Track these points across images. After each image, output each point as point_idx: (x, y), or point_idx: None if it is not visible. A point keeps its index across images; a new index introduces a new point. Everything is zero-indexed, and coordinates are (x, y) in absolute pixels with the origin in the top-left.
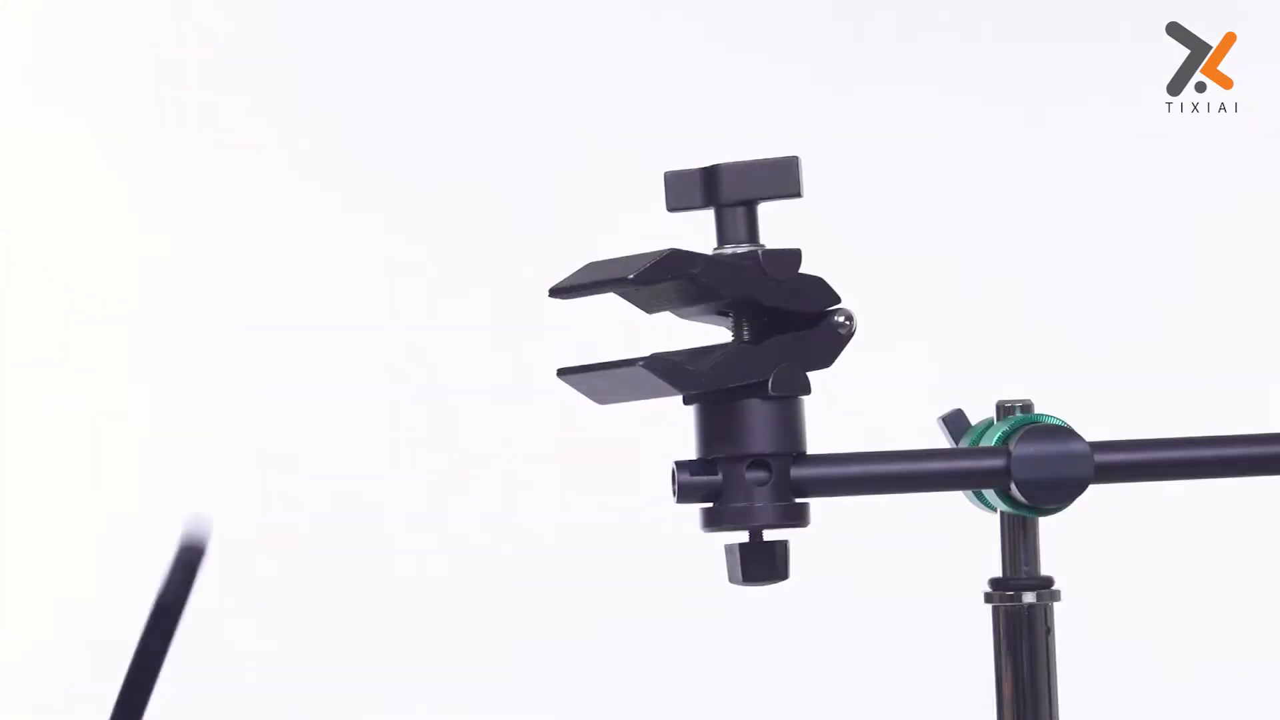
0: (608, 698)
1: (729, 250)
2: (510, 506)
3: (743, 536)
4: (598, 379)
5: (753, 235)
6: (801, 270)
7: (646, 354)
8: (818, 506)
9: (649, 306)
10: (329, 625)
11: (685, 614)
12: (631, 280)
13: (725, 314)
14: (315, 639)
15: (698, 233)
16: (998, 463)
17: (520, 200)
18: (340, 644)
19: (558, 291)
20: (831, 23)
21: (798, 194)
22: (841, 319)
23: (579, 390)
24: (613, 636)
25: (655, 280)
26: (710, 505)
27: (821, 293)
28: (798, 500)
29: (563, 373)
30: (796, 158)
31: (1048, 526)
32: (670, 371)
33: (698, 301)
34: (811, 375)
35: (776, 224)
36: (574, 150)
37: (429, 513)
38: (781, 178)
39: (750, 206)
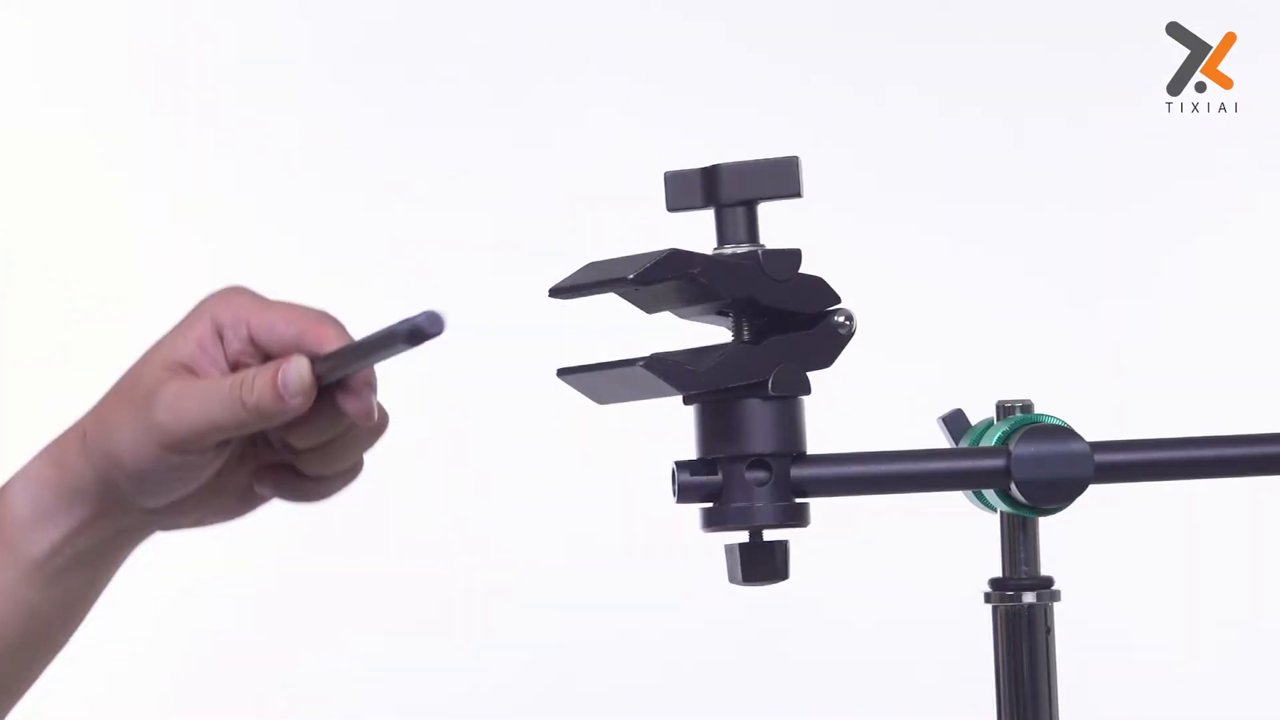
0: (606, 697)
1: (729, 250)
2: (509, 506)
3: (743, 536)
4: (598, 379)
5: (753, 235)
6: (801, 270)
7: (646, 354)
8: (818, 506)
9: (649, 306)
10: (329, 623)
11: (685, 614)
12: (631, 280)
13: (725, 314)
14: (316, 638)
15: (698, 233)
16: (998, 463)
17: (520, 200)
18: (339, 642)
19: (558, 291)
20: (831, 23)
21: (798, 194)
22: (842, 319)
23: (579, 390)
24: (612, 636)
25: (655, 280)
26: (710, 505)
27: (821, 293)
28: (798, 500)
29: (563, 373)
30: (796, 158)
31: (1048, 526)
32: (670, 371)
33: (698, 301)
34: (811, 375)
35: (776, 224)
36: (574, 150)
37: (428, 512)
38: (781, 178)
39: (750, 206)
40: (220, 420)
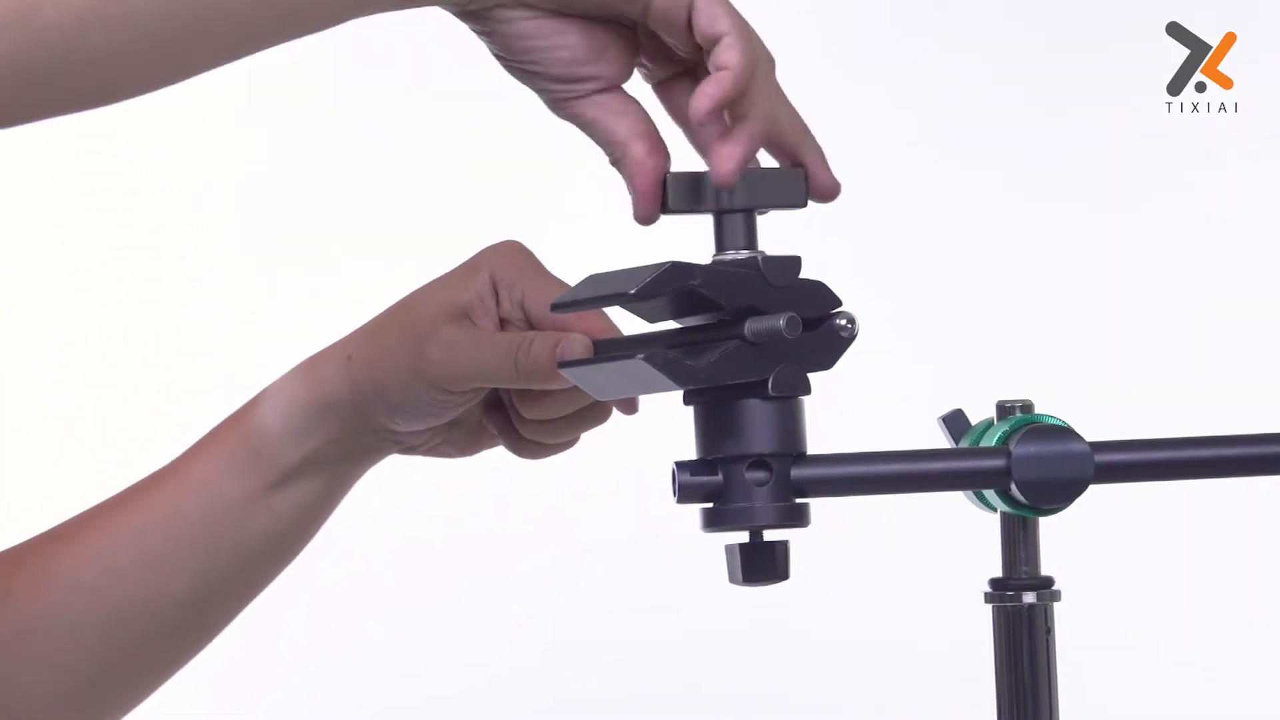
0: (604, 697)
1: (728, 256)
2: (509, 506)
3: (743, 537)
4: (598, 373)
5: (751, 241)
6: (802, 275)
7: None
8: (818, 506)
9: (651, 317)
10: (327, 623)
11: (685, 614)
12: (633, 295)
13: (727, 319)
14: (314, 638)
15: (698, 232)
16: (998, 463)
17: (520, 199)
18: (336, 639)
19: (559, 306)
20: (828, 23)
21: (802, 204)
22: (843, 321)
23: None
24: (611, 637)
25: (656, 294)
26: (710, 505)
27: (822, 297)
28: (798, 500)
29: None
30: (803, 170)
31: (1048, 526)
32: (670, 365)
33: (699, 310)
34: (811, 375)
35: (776, 224)
36: (574, 149)
37: (426, 511)
38: (787, 188)
39: (750, 213)
40: (489, 371)
